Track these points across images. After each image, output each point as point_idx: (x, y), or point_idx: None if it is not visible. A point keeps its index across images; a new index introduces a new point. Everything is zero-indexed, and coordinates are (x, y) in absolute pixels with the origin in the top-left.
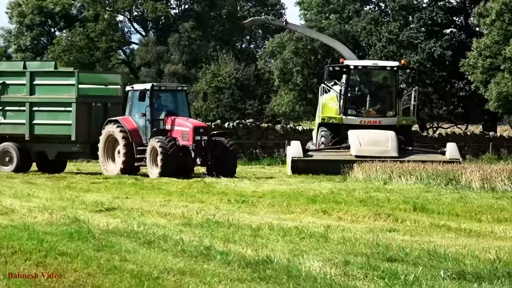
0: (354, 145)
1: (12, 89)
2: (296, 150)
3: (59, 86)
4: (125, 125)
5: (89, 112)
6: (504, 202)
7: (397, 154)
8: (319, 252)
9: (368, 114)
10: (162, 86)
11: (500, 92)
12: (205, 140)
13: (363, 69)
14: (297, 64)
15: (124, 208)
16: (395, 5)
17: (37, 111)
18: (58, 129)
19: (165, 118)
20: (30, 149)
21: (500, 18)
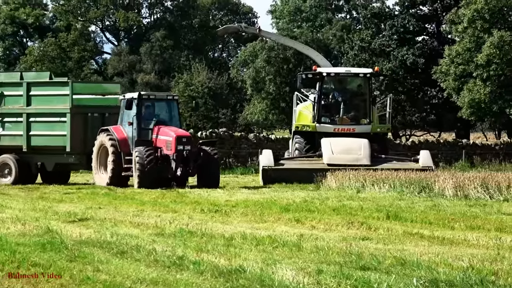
0: (326, 153)
1: (10, 100)
2: (267, 159)
3: (55, 96)
4: (115, 134)
5: (85, 123)
6: (477, 210)
7: (370, 162)
8: (292, 261)
9: (342, 121)
10: (151, 95)
11: (473, 99)
12: (188, 149)
13: (336, 76)
14: (270, 72)
15: (97, 218)
16: (367, 13)
17: (33, 122)
18: (53, 140)
19: (153, 127)
20: (30, 161)
21: (472, 25)
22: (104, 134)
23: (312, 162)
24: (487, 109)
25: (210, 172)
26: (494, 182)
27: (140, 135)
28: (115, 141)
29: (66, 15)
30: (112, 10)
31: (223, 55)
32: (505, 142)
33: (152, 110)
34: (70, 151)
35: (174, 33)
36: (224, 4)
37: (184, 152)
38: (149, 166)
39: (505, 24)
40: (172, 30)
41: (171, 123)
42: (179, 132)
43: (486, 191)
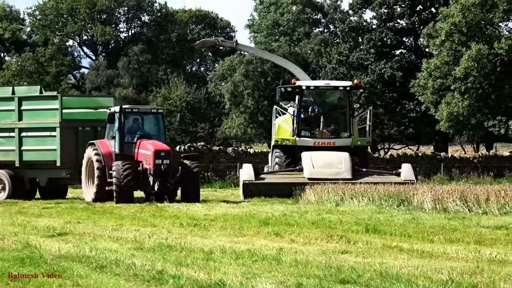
0: (307, 168)
1: (3, 115)
2: (247, 173)
3: (45, 110)
4: (100, 148)
5: (75, 137)
6: (456, 223)
7: (351, 176)
8: (272, 274)
9: (322, 135)
10: (134, 108)
11: (451, 112)
12: (167, 163)
13: (316, 89)
14: (248, 86)
15: (76, 232)
16: (344, 27)
17: (25, 137)
18: (44, 154)
19: (137, 141)
20: (24, 176)
21: (450, 39)
22: (90, 148)
23: (293, 176)
24: (465, 122)
25: (190, 186)
26: (473, 195)
27: (123, 149)
28: (100, 155)
29: (44, 29)
30: (89, 24)
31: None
32: (483, 155)
33: (136, 124)
34: (60, 166)
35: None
36: (202, 19)
37: (162, 167)
38: (126, 181)
39: (483, 37)
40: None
41: (156, 137)
42: (158, 146)
43: (465, 204)
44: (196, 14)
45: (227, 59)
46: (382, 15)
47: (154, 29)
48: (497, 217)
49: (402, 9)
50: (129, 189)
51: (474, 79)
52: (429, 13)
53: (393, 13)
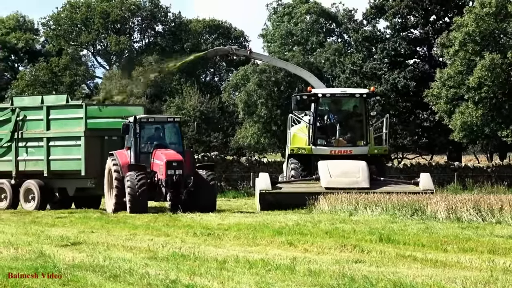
0: (324, 177)
1: (33, 124)
2: (264, 182)
3: (71, 119)
4: (118, 159)
5: (101, 146)
6: (470, 232)
7: (369, 185)
8: (286, 284)
9: (338, 143)
10: (149, 118)
11: (465, 121)
12: (179, 174)
13: (332, 97)
14: (261, 96)
15: (89, 242)
16: (358, 37)
17: (53, 146)
18: (70, 164)
19: (153, 151)
20: (53, 186)
21: (463, 48)
22: (110, 158)
23: (310, 186)
24: (479, 131)
25: (206, 198)
26: (486, 205)
27: (139, 160)
28: (118, 166)
29: (58, 39)
30: (103, 34)
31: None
32: (497, 165)
33: (153, 133)
34: (85, 175)
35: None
36: (216, 28)
37: (174, 177)
38: (140, 191)
39: (496, 47)
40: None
41: (174, 146)
42: (170, 156)
43: (478, 214)
44: (209, 24)
45: (241, 69)
46: (396, 24)
47: (168, 38)
48: (511, 226)
49: (416, 18)
50: (143, 200)
51: (487, 89)
52: (442, 23)
53: (407, 23)
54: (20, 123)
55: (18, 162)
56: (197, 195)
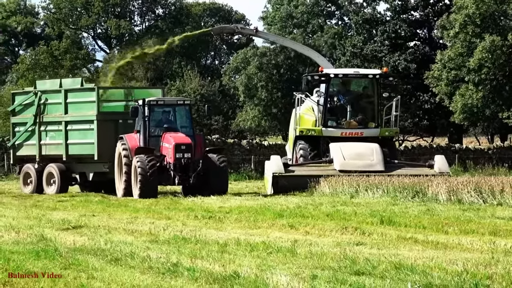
0: (337, 159)
1: (53, 108)
2: (276, 165)
3: (86, 103)
4: (128, 142)
5: (115, 130)
6: (471, 214)
7: (383, 168)
8: (287, 266)
9: (349, 125)
10: (159, 100)
11: (465, 104)
12: (187, 157)
13: (344, 77)
14: (261, 79)
15: (91, 225)
16: (358, 19)
17: (70, 130)
18: (85, 148)
19: (162, 134)
20: (74, 170)
21: (464, 30)
22: (120, 142)
23: (323, 169)
24: (479, 113)
25: (218, 180)
26: (487, 187)
27: (147, 143)
28: (127, 150)
29: (58, 23)
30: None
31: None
32: (498, 147)
33: (162, 116)
34: (98, 160)
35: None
36: (216, 12)
37: (182, 160)
38: (151, 175)
39: (496, 29)
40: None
41: (183, 129)
42: (179, 139)
43: (479, 196)
44: (210, 7)
45: (241, 52)
46: (396, 7)
47: (169, 22)
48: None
49: (416, 0)
50: (154, 182)
51: (488, 70)
52: (443, 5)
53: (407, 5)
54: (42, 106)
55: (41, 146)
56: (208, 178)
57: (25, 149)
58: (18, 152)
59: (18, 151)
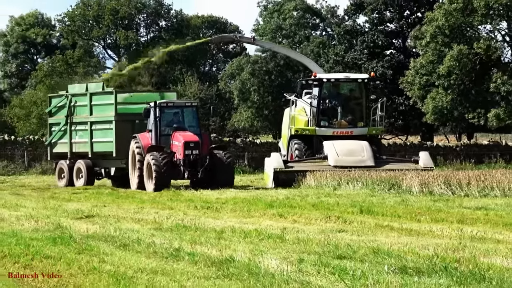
0: (331, 155)
1: (81, 109)
2: (277, 161)
3: (107, 105)
4: (141, 141)
5: (132, 129)
6: (441, 204)
7: (374, 164)
8: (277, 251)
9: (340, 125)
10: (169, 102)
11: (436, 106)
12: (196, 154)
13: (336, 81)
14: (254, 84)
15: (102, 215)
16: (340, 30)
17: (94, 130)
18: (107, 146)
19: (172, 133)
20: (99, 166)
21: (434, 40)
22: (133, 141)
23: (318, 164)
24: (448, 114)
25: (224, 175)
26: (455, 180)
27: (159, 142)
28: (140, 148)
29: (72, 34)
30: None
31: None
32: (465, 144)
33: (172, 117)
34: (116, 157)
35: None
36: (213, 24)
37: (191, 157)
38: (165, 169)
39: (463, 39)
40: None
41: (191, 129)
42: (188, 137)
43: (448, 188)
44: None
45: (236, 60)
46: (374, 19)
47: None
48: (477, 199)
49: (392, 14)
50: (168, 177)
51: (456, 76)
52: (415, 17)
53: (384, 18)
54: (72, 108)
55: (72, 144)
56: (215, 173)
57: (60, 147)
58: (54, 150)
59: (54, 149)
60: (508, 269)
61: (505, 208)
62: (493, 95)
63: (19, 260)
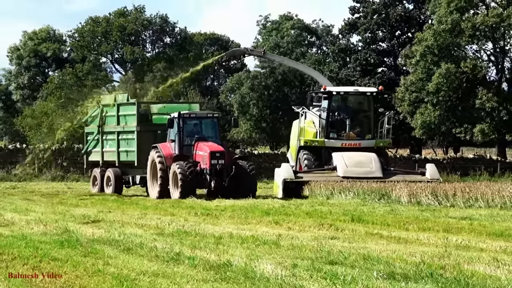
0: (340, 166)
1: (110, 120)
2: (287, 172)
3: (132, 116)
4: (162, 151)
5: (154, 139)
6: (428, 214)
7: (382, 175)
8: (272, 256)
9: (349, 137)
10: (192, 113)
11: (424, 121)
12: (221, 163)
13: (345, 94)
14: (253, 98)
15: (107, 220)
16: (335, 48)
17: (121, 139)
18: (131, 155)
19: (194, 144)
20: (127, 174)
21: (424, 59)
22: (154, 150)
23: (327, 175)
24: (436, 129)
25: (247, 185)
26: (442, 191)
27: (182, 151)
28: (162, 157)
29: (82, 49)
30: (120, 45)
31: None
32: (451, 157)
33: (194, 127)
34: (137, 166)
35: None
36: (215, 41)
37: (217, 166)
38: (191, 177)
39: (451, 58)
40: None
41: (212, 139)
42: (213, 147)
43: (435, 198)
44: (210, 37)
45: (236, 75)
46: (367, 38)
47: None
48: (462, 209)
49: (384, 33)
50: (193, 185)
51: (444, 93)
52: (406, 37)
53: (376, 37)
54: (104, 118)
55: (103, 153)
56: (239, 182)
57: (94, 155)
58: (89, 158)
59: (90, 157)
60: (491, 276)
61: (488, 218)
62: (478, 111)
63: (28, 262)
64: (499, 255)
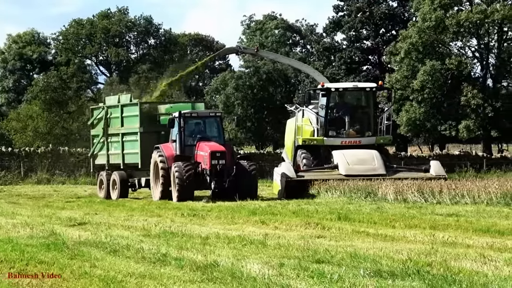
0: (342, 165)
1: (114, 121)
2: (288, 171)
3: (135, 117)
4: (164, 151)
5: (157, 141)
6: (414, 211)
7: (385, 172)
8: (259, 256)
9: (348, 134)
10: (193, 113)
11: (409, 118)
12: (222, 164)
13: (344, 91)
14: (238, 98)
15: (93, 222)
16: (319, 47)
17: (125, 141)
18: (134, 157)
19: (197, 144)
20: (133, 177)
21: (408, 56)
22: (156, 151)
23: (329, 174)
24: (422, 126)
25: (247, 185)
26: (428, 188)
27: (183, 151)
28: (164, 157)
29: (66, 51)
30: (104, 47)
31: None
32: (437, 154)
33: (196, 127)
34: (141, 168)
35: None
36: (200, 41)
37: (218, 167)
38: (188, 180)
39: (436, 55)
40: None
41: (214, 139)
42: (214, 147)
43: (421, 196)
44: (194, 38)
45: (221, 75)
46: (351, 37)
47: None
48: (448, 206)
49: (368, 31)
50: (190, 188)
51: (429, 90)
52: (390, 35)
53: (360, 35)
54: (108, 120)
55: (109, 155)
56: (239, 183)
57: (100, 158)
58: (96, 161)
59: (96, 160)
60: (477, 272)
61: (475, 214)
62: (463, 108)
63: (15, 265)
64: (485, 251)
